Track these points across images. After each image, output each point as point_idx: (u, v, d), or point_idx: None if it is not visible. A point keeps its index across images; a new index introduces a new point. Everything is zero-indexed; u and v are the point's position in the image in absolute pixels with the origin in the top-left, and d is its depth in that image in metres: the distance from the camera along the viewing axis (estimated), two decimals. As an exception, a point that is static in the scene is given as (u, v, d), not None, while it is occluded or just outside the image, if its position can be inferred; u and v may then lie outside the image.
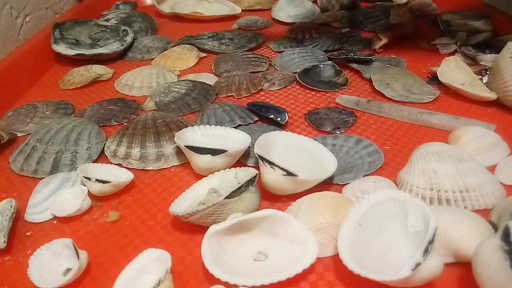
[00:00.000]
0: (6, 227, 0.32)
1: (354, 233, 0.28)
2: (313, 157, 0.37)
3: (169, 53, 0.65)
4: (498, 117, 0.45)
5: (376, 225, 0.28)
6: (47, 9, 0.74)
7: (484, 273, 0.24)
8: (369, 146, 0.40)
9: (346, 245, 0.27)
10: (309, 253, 0.28)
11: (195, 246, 0.31)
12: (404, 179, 0.35)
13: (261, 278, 0.26)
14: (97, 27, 0.71)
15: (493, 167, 0.37)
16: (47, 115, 0.50)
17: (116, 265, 0.30)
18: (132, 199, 0.37)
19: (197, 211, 0.30)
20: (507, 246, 0.23)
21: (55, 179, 0.38)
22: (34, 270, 0.30)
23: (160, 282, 0.27)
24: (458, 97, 0.49)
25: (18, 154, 0.42)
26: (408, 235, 0.27)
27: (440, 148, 0.35)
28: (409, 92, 0.49)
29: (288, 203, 0.34)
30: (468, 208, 0.32)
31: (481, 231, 0.27)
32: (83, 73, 0.59)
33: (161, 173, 0.40)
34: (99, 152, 0.43)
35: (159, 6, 0.86)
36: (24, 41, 0.65)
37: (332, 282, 0.28)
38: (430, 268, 0.24)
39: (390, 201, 0.28)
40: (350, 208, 0.28)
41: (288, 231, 0.29)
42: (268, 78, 0.55)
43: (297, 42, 0.68)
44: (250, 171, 0.35)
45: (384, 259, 0.27)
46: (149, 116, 0.44)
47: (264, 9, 0.87)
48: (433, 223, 0.25)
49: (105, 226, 0.34)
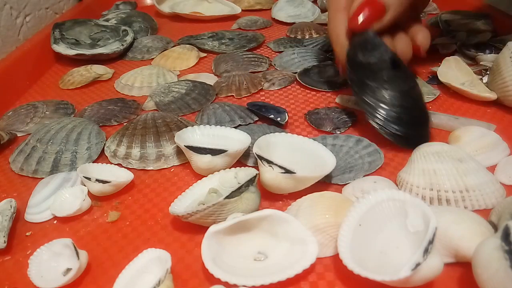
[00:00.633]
0: (6, 227, 0.33)
1: (354, 233, 0.28)
2: (312, 156, 0.37)
3: (169, 53, 0.65)
4: (498, 117, 0.45)
5: (376, 225, 0.28)
6: (47, 9, 0.74)
7: (484, 273, 0.24)
8: (369, 146, 0.40)
9: (346, 245, 0.27)
10: (309, 253, 0.28)
11: (195, 246, 0.31)
12: (404, 179, 0.35)
13: (261, 278, 0.26)
14: (97, 27, 0.71)
15: (493, 167, 0.37)
16: (47, 115, 0.50)
17: (116, 265, 0.30)
18: (132, 199, 0.37)
19: (197, 211, 0.30)
20: (507, 246, 0.23)
21: (55, 179, 0.38)
22: (34, 270, 0.30)
23: (160, 282, 0.27)
24: (458, 97, 0.49)
25: (18, 154, 0.42)
26: (408, 235, 0.27)
27: (440, 148, 0.35)
28: (409, 92, 0.49)
29: (288, 202, 0.34)
30: (468, 208, 0.32)
31: (481, 231, 0.27)
32: (83, 73, 0.59)
33: (161, 173, 0.40)
34: (99, 152, 0.43)
35: (159, 6, 0.86)
36: (24, 41, 0.65)
37: (332, 282, 0.28)
38: (430, 268, 0.24)
39: (390, 201, 0.28)
40: (350, 208, 0.29)
41: (288, 231, 0.29)
42: (268, 78, 0.55)
43: (297, 42, 0.68)
44: (250, 171, 0.35)
45: (384, 259, 0.27)
46: (149, 116, 0.44)
47: (264, 9, 0.87)
48: (433, 223, 0.25)
49: (105, 226, 0.34)
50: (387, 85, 0.39)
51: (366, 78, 0.40)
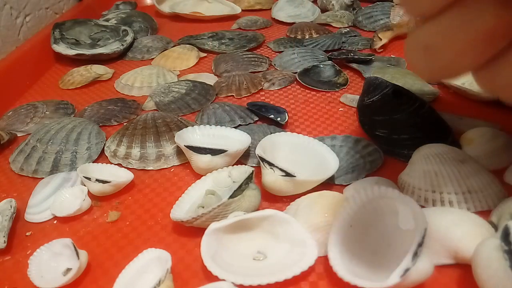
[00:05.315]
0: (6, 227, 0.33)
1: (345, 235, 0.28)
2: (316, 158, 0.37)
3: (169, 53, 0.65)
4: (498, 117, 0.45)
5: (368, 224, 0.28)
6: (47, 9, 0.74)
7: (483, 273, 0.24)
8: (369, 146, 0.40)
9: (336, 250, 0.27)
10: (308, 255, 0.28)
11: (195, 246, 0.31)
12: (405, 181, 0.34)
13: (259, 278, 0.26)
14: (97, 27, 0.71)
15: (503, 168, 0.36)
16: (47, 115, 0.50)
17: (116, 265, 0.30)
18: (132, 199, 0.37)
19: (202, 214, 0.30)
20: (506, 246, 0.23)
21: (55, 179, 0.38)
22: (34, 270, 0.30)
23: (160, 282, 0.27)
24: (458, 97, 0.49)
25: (18, 154, 0.42)
26: (400, 232, 0.27)
27: (441, 149, 0.35)
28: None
29: (288, 203, 0.34)
30: (471, 210, 0.32)
31: (481, 232, 0.27)
32: (83, 73, 0.59)
33: (161, 173, 0.40)
34: (99, 152, 0.43)
35: (159, 6, 0.86)
36: (24, 41, 0.65)
37: (333, 282, 0.28)
38: (419, 272, 0.24)
39: (380, 199, 0.28)
40: (340, 210, 0.28)
41: (289, 232, 0.29)
42: (268, 78, 0.55)
43: (297, 42, 0.68)
44: (244, 169, 0.35)
45: (376, 259, 0.27)
46: (149, 116, 0.44)
47: (264, 9, 0.87)
48: (423, 224, 0.25)
49: (105, 226, 0.34)
50: (394, 114, 0.40)
51: (375, 115, 0.41)
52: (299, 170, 0.33)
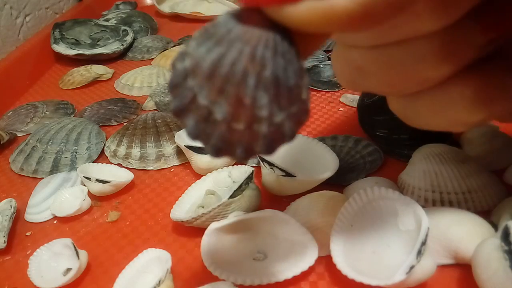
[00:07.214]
0: (6, 227, 0.33)
1: (347, 235, 0.28)
2: (316, 158, 0.37)
3: (169, 53, 0.65)
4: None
5: (368, 224, 0.28)
6: (47, 9, 0.74)
7: (483, 273, 0.24)
8: (369, 146, 0.40)
9: (339, 248, 0.27)
10: (308, 255, 0.28)
11: (195, 246, 0.31)
12: (405, 182, 0.34)
13: (259, 278, 0.26)
14: (97, 27, 0.71)
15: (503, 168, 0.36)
16: (47, 115, 0.50)
17: (116, 265, 0.30)
18: (132, 199, 0.37)
19: (202, 214, 0.30)
20: (506, 246, 0.23)
21: (55, 179, 0.38)
22: (34, 270, 0.30)
23: (161, 282, 0.27)
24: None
25: (18, 154, 0.42)
26: (399, 233, 0.27)
27: (441, 149, 0.35)
28: (409, 92, 0.49)
29: (288, 203, 0.34)
30: (471, 210, 0.32)
31: (481, 232, 0.27)
32: (83, 73, 0.59)
33: (161, 173, 0.40)
34: (99, 152, 0.43)
35: (159, 6, 0.86)
36: (24, 41, 0.65)
37: (333, 282, 0.28)
38: (423, 270, 0.24)
39: (380, 200, 0.28)
40: (341, 209, 0.28)
41: (289, 232, 0.29)
42: (268, 78, 0.55)
43: (297, 42, 0.68)
44: (244, 169, 0.35)
45: (376, 259, 0.27)
46: (149, 116, 0.44)
47: (264, 9, 0.87)
48: (425, 223, 0.25)
49: (105, 226, 0.34)
50: (394, 114, 0.40)
51: (375, 115, 0.41)
52: (299, 170, 0.33)
